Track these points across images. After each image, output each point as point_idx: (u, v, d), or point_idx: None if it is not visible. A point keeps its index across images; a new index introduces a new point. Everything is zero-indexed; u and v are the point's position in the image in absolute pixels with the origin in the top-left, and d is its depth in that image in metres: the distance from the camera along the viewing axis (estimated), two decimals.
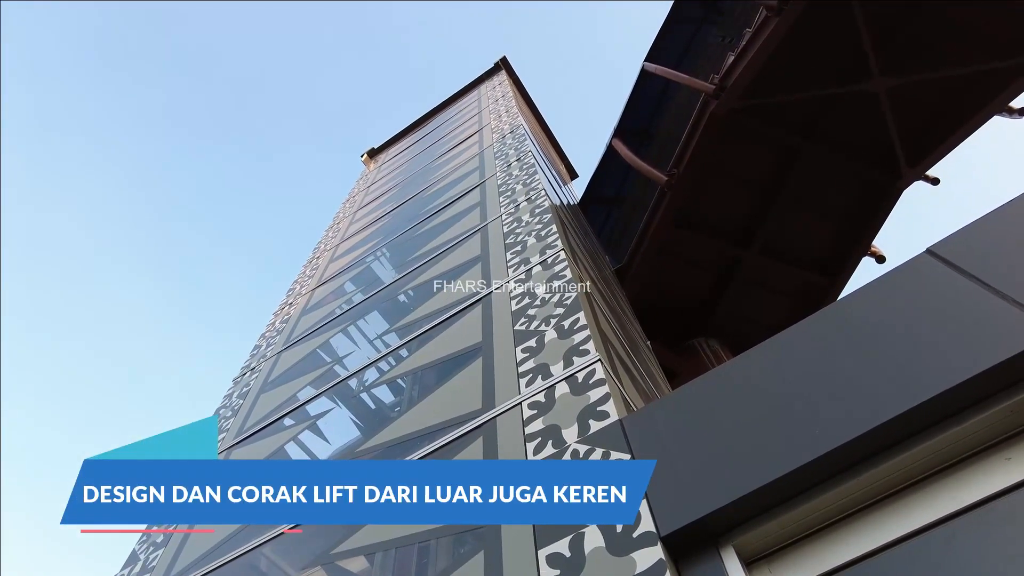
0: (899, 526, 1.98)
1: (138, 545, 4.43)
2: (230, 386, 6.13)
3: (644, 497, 2.17)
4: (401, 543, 2.81)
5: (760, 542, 2.08)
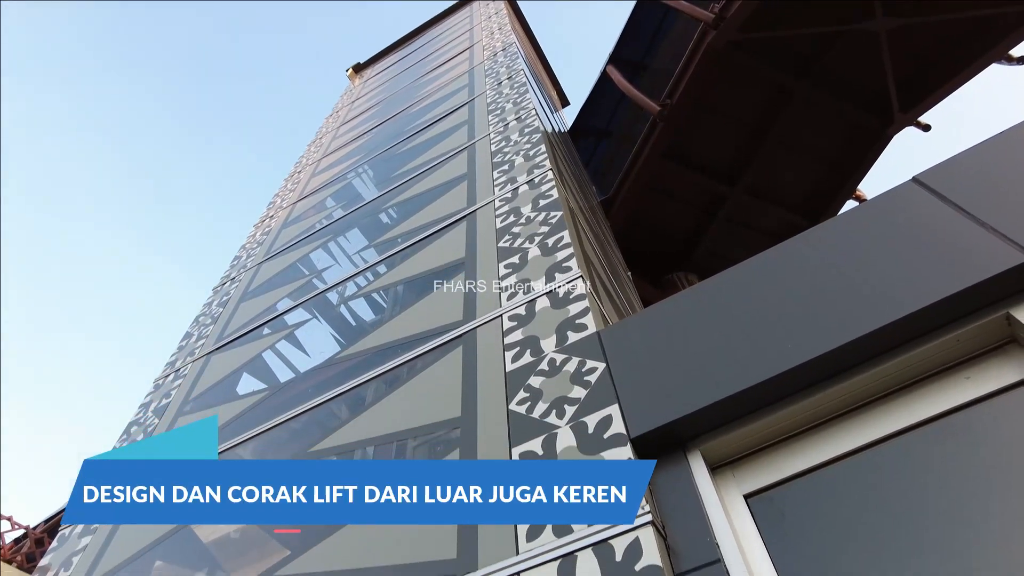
0: (857, 438, 2.08)
1: (119, 442, 4.51)
2: (210, 295, 6.10)
3: (616, 401, 2.24)
4: (378, 442, 2.89)
5: (725, 449, 2.17)
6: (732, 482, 2.11)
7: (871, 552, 2.12)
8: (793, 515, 2.07)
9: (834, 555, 2.12)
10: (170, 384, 4.82)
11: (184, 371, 4.87)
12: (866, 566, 2.10)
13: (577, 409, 2.31)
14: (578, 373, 2.45)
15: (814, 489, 2.08)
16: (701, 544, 1.86)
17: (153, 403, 4.72)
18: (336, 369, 3.71)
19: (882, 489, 2.12)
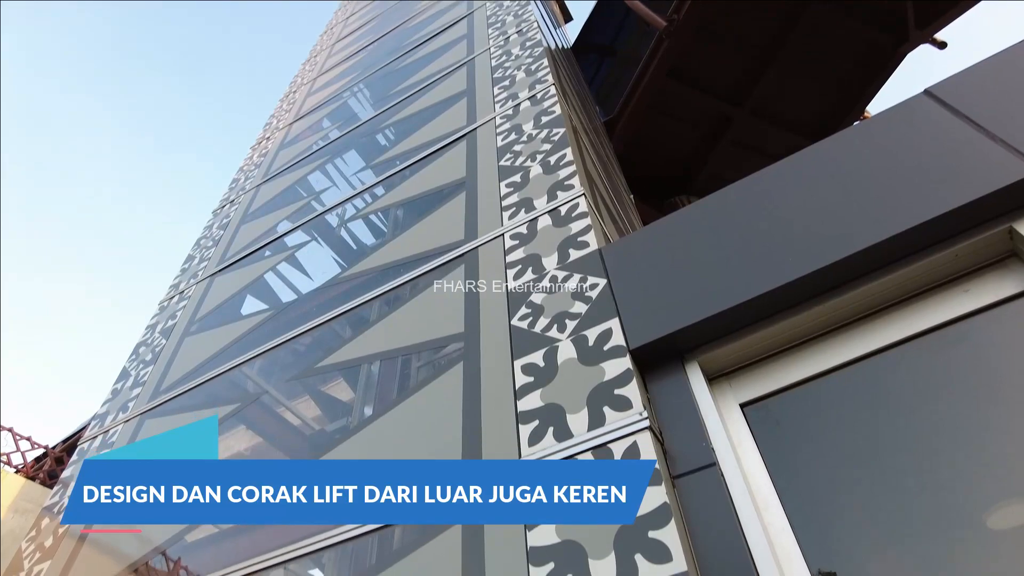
0: (854, 349, 2.12)
1: (128, 362, 4.60)
2: (210, 218, 6.07)
3: (616, 315, 2.28)
4: (383, 357, 2.95)
5: (723, 360, 2.22)
6: (729, 391, 2.17)
7: (864, 460, 2.20)
8: (788, 423, 2.15)
9: (827, 462, 2.20)
10: (175, 306, 4.88)
11: (188, 293, 4.91)
12: (859, 473, 2.20)
13: (578, 323, 2.35)
14: (579, 289, 2.47)
15: (810, 398, 2.14)
16: (697, 449, 1.93)
17: (159, 324, 4.79)
18: (339, 290, 3.74)
19: (877, 399, 2.19)
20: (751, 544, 1.73)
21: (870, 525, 2.21)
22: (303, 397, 3.57)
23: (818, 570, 1.78)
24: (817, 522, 2.03)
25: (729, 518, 1.77)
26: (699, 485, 1.84)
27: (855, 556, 2.12)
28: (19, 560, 3.49)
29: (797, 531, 1.83)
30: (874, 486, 2.19)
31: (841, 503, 2.18)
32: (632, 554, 1.68)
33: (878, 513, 2.21)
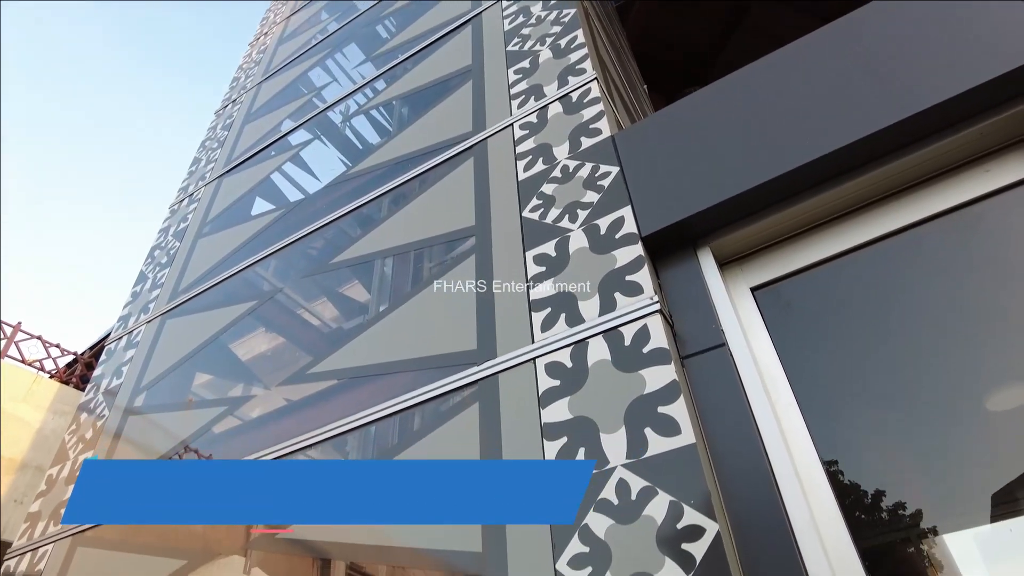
0: (869, 231, 2.10)
1: (145, 265, 4.67)
2: (213, 119, 5.94)
3: (629, 203, 2.25)
4: (395, 252, 2.97)
5: (734, 245, 2.21)
6: (740, 276, 2.18)
7: (872, 342, 2.24)
8: (799, 305, 2.17)
9: (836, 344, 2.24)
10: (185, 209, 4.88)
11: (197, 196, 4.90)
12: (866, 355, 2.24)
13: (590, 213, 2.33)
14: (591, 178, 2.43)
15: (822, 281, 2.15)
16: (707, 331, 1.96)
17: (172, 227, 4.81)
18: (347, 188, 3.71)
19: (888, 282, 2.19)
20: (758, 419, 1.80)
21: (874, 404, 2.28)
22: (320, 299, 3.63)
23: (825, 461, 1.85)
24: (823, 400, 2.09)
25: (737, 395, 1.82)
26: (708, 365, 1.89)
27: (859, 434, 2.20)
28: (64, 451, 3.72)
29: (804, 408, 1.89)
30: (880, 367, 2.24)
31: (848, 383, 2.24)
32: (642, 428, 1.75)
33: (882, 393, 2.27)
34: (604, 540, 1.64)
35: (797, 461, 1.78)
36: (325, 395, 2.73)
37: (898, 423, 2.26)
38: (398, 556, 2.06)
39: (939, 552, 1.96)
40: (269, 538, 2.39)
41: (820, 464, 1.79)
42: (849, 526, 1.67)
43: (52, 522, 3.24)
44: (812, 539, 1.61)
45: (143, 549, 2.77)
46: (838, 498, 1.72)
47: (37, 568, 3.06)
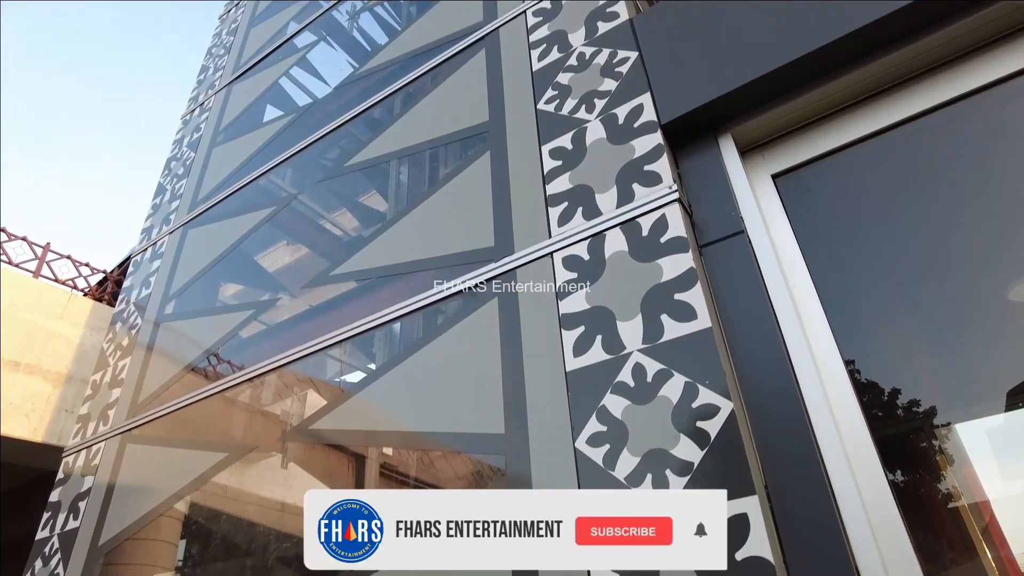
0: (894, 114, 2.01)
1: (163, 177, 4.68)
2: (217, 25, 5.76)
3: (648, 90, 2.17)
4: (409, 152, 2.93)
5: (756, 131, 2.14)
6: (761, 163, 2.13)
7: (894, 227, 2.20)
8: (820, 191, 2.12)
9: (857, 230, 2.21)
10: (197, 119, 4.82)
11: (208, 105, 4.82)
12: (887, 240, 2.21)
13: (607, 102, 2.26)
14: (608, 65, 2.34)
15: (844, 166, 2.09)
16: (726, 218, 1.94)
17: (185, 138, 4.78)
18: (357, 88, 3.61)
19: (914, 167, 2.13)
20: (775, 305, 1.81)
21: (893, 292, 2.27)
22: (339, 209, 3.64)
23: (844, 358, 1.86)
24: (842, 286, 2.09)
25: (754, 281, 1.82)
26: (726, 252, 1.88)
27: (877, 321, 2.21)
28: (104, 358, 3.89)
29: (822, 294, 1.89)
30: (901, 255, 2.22)
31: (867, 270, 2.23)
32: (658, 315, 1.77)
33: (903, 281, 2.26)
34: (621, 419, 1.71)
35: (813, 345, 1.80)
36: (347, 297, 2.79)
37: (917, 312, 2.25)
38: (425, 441, 2.17)
39: (952, 443, 2.00)
40: (302, 429, 2.53)
41: (836, 349, 1.81)
42: (864, 411, 1.70)
43: (101, 422, 3.44)
44: (826, 419, 1.65)
45: (186, 444, 2.95)
46: (853, 384, 1.75)
47: (93, 463, 3.28)
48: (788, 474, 1.56)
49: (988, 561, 1.74)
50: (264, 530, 2.81)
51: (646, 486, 1.60)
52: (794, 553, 1.46)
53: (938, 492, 1.98)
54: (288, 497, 2.81)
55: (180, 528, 2.98)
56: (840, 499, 1.54)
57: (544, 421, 1.83)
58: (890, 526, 1.52)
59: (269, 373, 2.79)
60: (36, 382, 6.68)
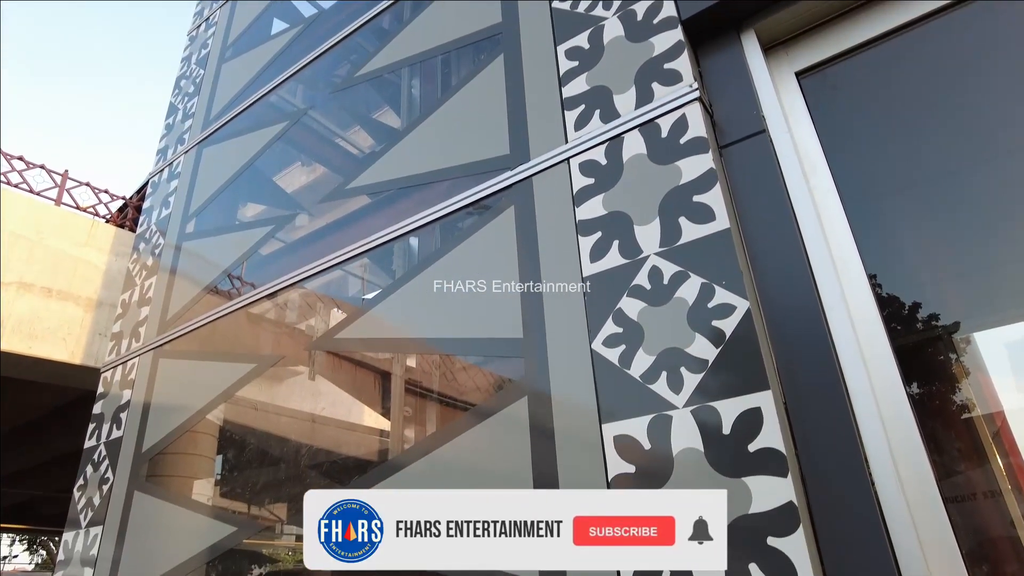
0: (929, 3, 1.90)
1: (173, 97, 4.62)
2: None
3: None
4: (421, 58, 2.85)
5: (780, 27, 2.04)
6: (784, 60, 2.04)
7: (922, 127, 2.13)
8: (846, 89, 2.04)
9: (882, 129, 2.14)
10: (204, 35, 4.71)
11: (214, 19, 4.69)
12: (914, 141, 2.14)
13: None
14: None
15: (873, 62, 2.00)
16: (747, 118, 1.89)
17: (193, 56, 4.69)
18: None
19: (948, 61, 2.03)
20: (794, 203, 1.78)
21: (918, 194, 2.22)
22: (353, 127, 3.58)
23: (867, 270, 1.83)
24: (864, 186, 2.05)
25: (775, 182, 1.79)
26: (747, 152, 1.84)
27: (900, 225, 2.18)
28: (130, 278, 3.98)
29: (843, 193, 1.85)
30: (929, 155, 2.15)
31: (892, 172, 2.17)
32: (676, 217, 1.76)
33: (928, 183, 2.20)
34: (637, 321, 1.73)
35: (832, 246, 1.78)
36: (365, 211, 2.80)
37: (941, 217, 2.21)
38: (445, 347, 2.23)
39: (970, 352, 2.01)
40: (328, 338, 2.60)
41: (856, 250, 1.79)
42: (882, 313, 1.70)
43: (133, 339, 3.57)
44: (842, 316, 1.66)
45: (216, 357, 3.06)
46: (872, 286, 1.74)
47: (129, 378, 3.43)
48: (803, 372, 1.58)
49: (999, 468, 1.78)
50: (295, 442, 2.96)
51: (661, 383, 1.64)
52: (806, 445, 1.51)
53: (953, 398, 2.01)
54: (318, 409, 2.94)
55: (216, 444, 3.15)
56: (853, 394, 1.56)
57: (561, 324, 1.87)
58: (902, 422, 1.55)
59: (292, 288, 2.85)
60: (69, 307, 6.90)
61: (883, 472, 1.49)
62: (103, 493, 3.16)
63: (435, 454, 2.06)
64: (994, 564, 1.66)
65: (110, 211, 9.15)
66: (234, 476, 3.11)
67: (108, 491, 3.14)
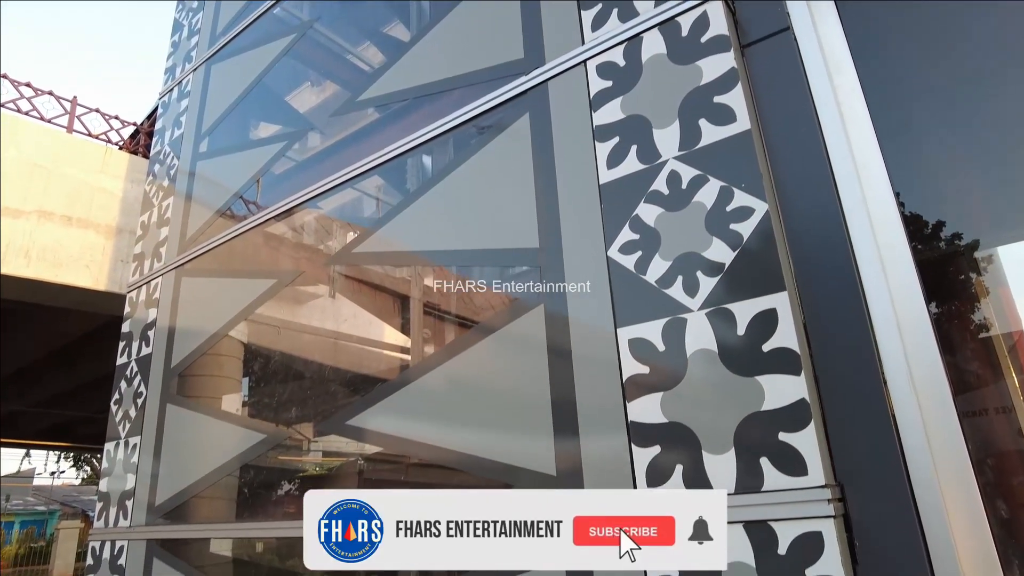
0: None
1: (177, 13, 4.50)
2: None
3: None
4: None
5: None
6: None
7: (961, 30, 2.02)
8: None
9: (916, 30, 2.04)
10: None
11: None
12: (952, 44, 2.04)
13: None
14: None
15: None
16: (772, 14, 1.80)
17: None
18: None
19: None
20: (818, 106, 1.73)
21: (949, 98, 2.14)
22: (364, 43, 3.48)
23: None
24: (891, 89, 1.97)
25: (798, 82, 1.73)
26: (770, 51, 1.77)
27: (926, 128, 2.11)
28: (148, 200, 4.01)
29: (868, 95, 1.79)
30: (961, 61, 2.06)
31: (922, 74, 2.09)
32: (696, 120, 1.72)
33: (960, 88, 2.12)
34: (653, 227, 1.73)
35: (855, 150, 1.73)
36: (376, 126, 2.76)
37: (972, 125, 2.13)
38: (463, 258, 2.24)
39: (992, 267, 1.98)
40: (346, 253, 2.63)
41: (880, 155, 1.74)
42: (903, 219, 1.67)
43: (155, 259, 3.63)
44: (863, 221, 1.64)
45: (238, 274, 3.12)
46: (895, 192, 1.71)
47: (154, 297, 3.52)
48: (820, 275, 1.58)
49: (1013, 384, 1.79)
50: (319, 362, 3.04)
51: (676, 287, 1.65)
52: (821, 347, 1.52)
53: (971, 311, 1.99)
54: (340, 327, 3.00)
55: (241, 366, 3.25)
56: (870, 298, 1.56)
57: (577, 232, 1.86)
58: (919, 327, 1.55)
59: (307, 208, 2.86)
60: (90, 235, 6.99)
61: (897, 376, 1.51)
62: (138, 406, 3.30)
63: (452, 363, 2.12)
64: (1002, 475, 1.69)
65: (122, 137, 9.10)
66: (261, 389, 3.23)
67: (143, 404, 3.28)
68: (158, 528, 2.96)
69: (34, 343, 9.61)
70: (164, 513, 2.97)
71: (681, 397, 1.59)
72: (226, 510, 2.89)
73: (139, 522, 3.05)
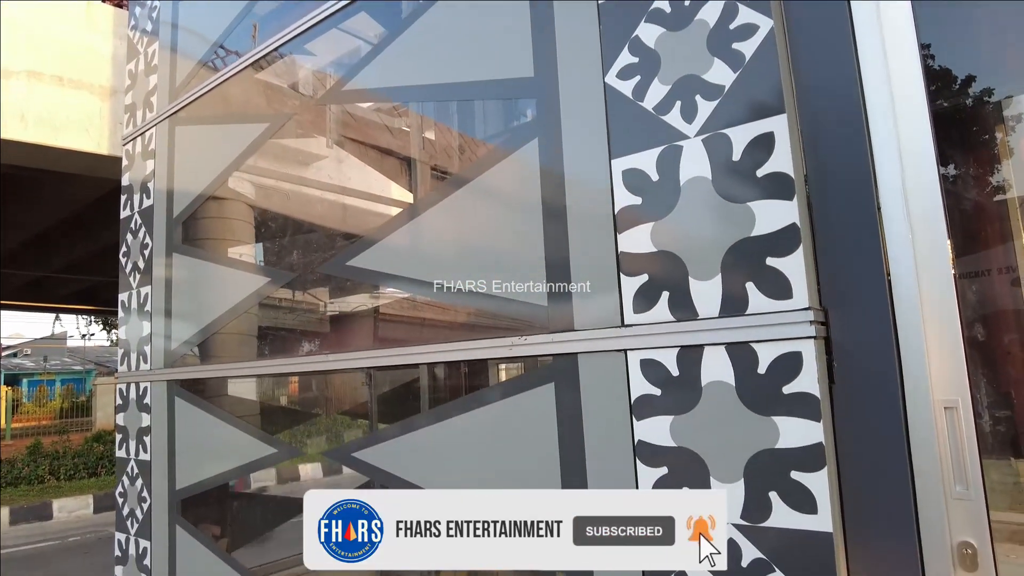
0: None
1: None
2: None
3: None
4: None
5: None
6: None
7: None
8: None
9: None
10: None
11: None
12: None
13: None
14: None
15: None
16: None
17: None
18: None
19: None
20: None
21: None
22: None
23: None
24: None
25: None
26: None
27: None
28: (133, 47, 3.83)
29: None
30: None
31: None
32: None
33: None
34: (654, 48, 1.63)
35: None
36: None
37: None
38: (454, 91, 2.16)
39: (1012, 112, 1.85)
40: (336, 91, 2.53)
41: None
42: (922, 56, 1.54)
43: (147, 109, 3.54)
44: (874, 37, 1.52)
45: (231, 119, 3.04)
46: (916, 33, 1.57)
47: (150, 148, 3.47)
48: (823, 99, 1.50)
49: (1021, 247, 1.74)
50: (326, 222, 3.04)
51: (674, 113, 1.59)
52: (818, 172, 1.48)
53: (989, 169, 1.90)
54: (345, 182, 2.97)
55: (253, 231, 3.26)
56: (872, 122, 1.49)
57: (574, 58, 1.77)
58: (921, 150, 1.48)
59: (296, 43, 2.72)
60: (84, 96, 6.78)
61: (892, 207, 1.47)
62: (145, 257, 3.37)
63: (447, 201, 2.11)
64: (994, 334, 1.68)
65: None
66: (263, 235, 3.27)
67: (150, 255, 3.34)
68: (176, 370, 3.13)
69: (46, 209, 9.67)
70: (180, 355, 3.12)
71: (672, 226, 1.58)
72: (236, 350, 3.03)
73: (158, 365, 3.22)
